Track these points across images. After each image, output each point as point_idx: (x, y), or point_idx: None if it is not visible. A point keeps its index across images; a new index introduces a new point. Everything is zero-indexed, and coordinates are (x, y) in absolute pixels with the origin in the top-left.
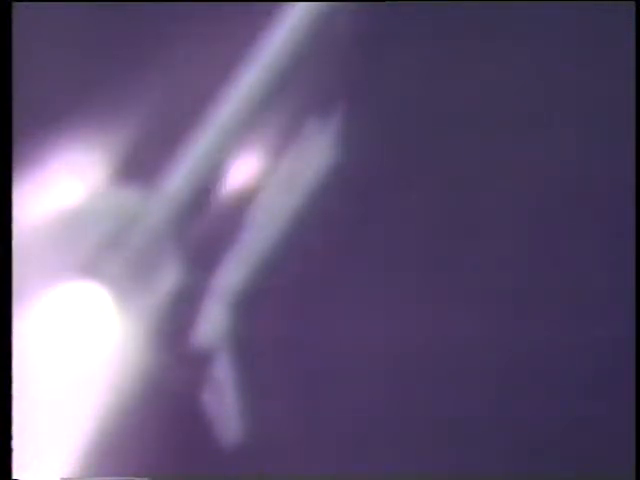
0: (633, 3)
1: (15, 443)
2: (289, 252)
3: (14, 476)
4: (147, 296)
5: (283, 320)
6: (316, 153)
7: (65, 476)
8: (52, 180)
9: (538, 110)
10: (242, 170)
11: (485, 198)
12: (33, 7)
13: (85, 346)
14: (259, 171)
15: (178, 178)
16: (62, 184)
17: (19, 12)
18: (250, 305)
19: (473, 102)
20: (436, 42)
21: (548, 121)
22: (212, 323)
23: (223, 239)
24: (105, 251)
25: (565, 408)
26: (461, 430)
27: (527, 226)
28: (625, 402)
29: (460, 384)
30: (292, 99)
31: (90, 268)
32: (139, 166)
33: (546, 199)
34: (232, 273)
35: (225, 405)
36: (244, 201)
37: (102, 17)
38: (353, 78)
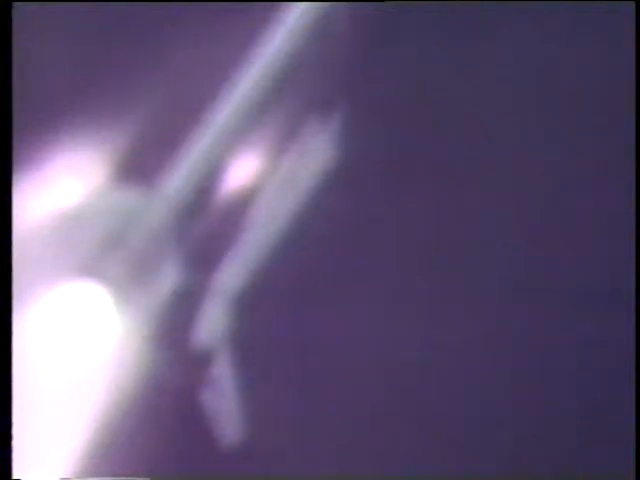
0: (633, 3)
1: (15, 443)
2: (289, 252)
3: (14, 476)
4: (147, 296)
5: (283, 320)
6: (316, 153)
7: (65, 476)
8: (52, 180)
9: (538, 109)
10: (242, 170)
11: (485, 197)
12: (33, 7)
13: (85, 346)
14: (259, 171)
15: (178, 178)
16: (62, 184)
17: (19, 12)
18: (250, 305)
19: (473, 101)
20: (436, 42)
21: (548, 121)
22: (212, 323)
23: (223, 239)
24: (105, 251)
25: (565, 407)
26: (461, 430)
27: (527, 226)
28: (625, 401)
29: (459, 384)
30: (292, 99)
31: (90, 268)
32: (139, 166)
33: (546, 198)
34: (232, 273)
35: (225, 405)
36: (244, 201)
37: (102, 18)
38: (353, 78)
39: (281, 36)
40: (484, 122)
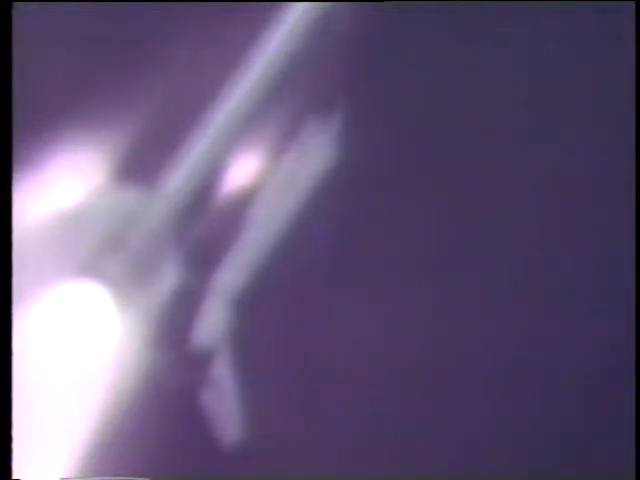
0: (633, 3)
1: (15, 443)
2: (289, 252)
3: (14, 476)
4: (147, 296)
5: (283, 320)
6: (316, 153)
7: (65, 476)
8: (52, 180)
9: (538, 110)
10: (242, 170)
11: (485, 198)
12: (33, 7)
13: (85, 346)
14: (259, 171)
15: (178, 178)
16: (62, 184)
17: (19, 12)
18: (250, 305)
19: (473, 103)
20: (436, 41)
21: (548, 121)
22: (212, 323)
23: (223, 239)
24: (105, 251)
25: (565, 408)
26: (461, 430)
27: (527, 226)
28: (625, 401)
29: (459, 384)
30: (292, 99)
31: (90, 268)
32: (139, 166)
33: (546, 199)
34: (232, 273)
35: (225, 405)
36: (244, 201)
37: (102, 17)
38: (353, 78)
39: (281, 36)
40: (484, 122)
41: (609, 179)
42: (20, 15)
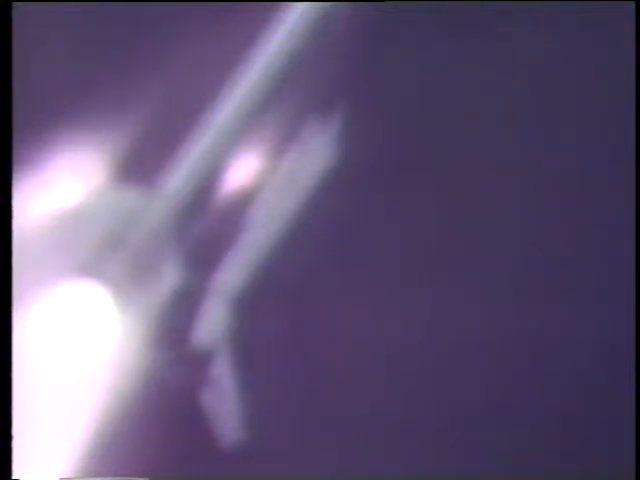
0: (633, 3)
1: (15, 443)
2: (289, 252)
3: (14, 476)
4: (147, 296)
5: (283, 320)
6: (316, 153)
7: (65, 476)
8: (52, 180)
9: (538, 110)
10: (242, 170)
11: (485, 198)
12: (33, 7)
13: (85, 346)
14: (259, 171)
15: (178, 178)
16: (62, 184)
17: (19, 12)
18: (250, 305)
19: (474, 102)
20: (436, 42)
21: (548, 121)
22: (212, 323)
23: (223, 239)
24: (105, 251)
25: (565, 407)
26: (461, 430)
27: (527, 225)
28: (625, 402)
29: (460, 384)
30: (292, 99)
31: (90, 268)
32: (139, 166)
33: (546, 198)
34: (232, 273)
35: (225, 405)
36: (244, 201)
37: (102, 17)
38: (353, 78)
39: (281, 36)
40: (484, 122)
41: (609, 179)
42: (20, 15)
